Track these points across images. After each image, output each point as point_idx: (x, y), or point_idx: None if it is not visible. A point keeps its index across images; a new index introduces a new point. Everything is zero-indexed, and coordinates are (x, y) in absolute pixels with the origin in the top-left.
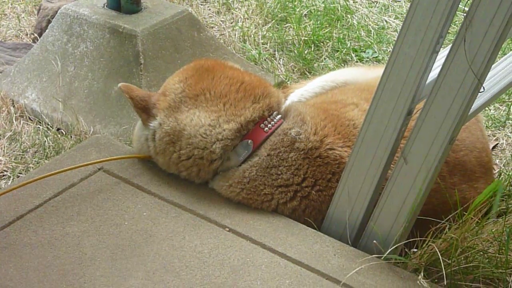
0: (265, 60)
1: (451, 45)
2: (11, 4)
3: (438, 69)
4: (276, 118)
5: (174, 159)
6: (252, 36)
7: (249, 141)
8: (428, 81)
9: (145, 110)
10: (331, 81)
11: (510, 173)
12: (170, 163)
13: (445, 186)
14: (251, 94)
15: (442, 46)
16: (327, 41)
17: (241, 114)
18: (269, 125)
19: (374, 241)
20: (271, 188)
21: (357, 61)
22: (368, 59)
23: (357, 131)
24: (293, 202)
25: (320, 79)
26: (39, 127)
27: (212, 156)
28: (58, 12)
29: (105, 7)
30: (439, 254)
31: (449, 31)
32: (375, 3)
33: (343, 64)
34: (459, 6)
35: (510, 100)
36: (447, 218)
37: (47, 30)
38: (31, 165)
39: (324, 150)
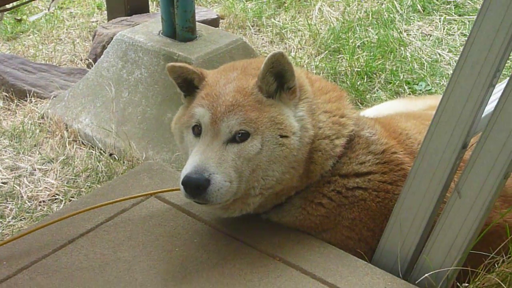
0: None
1: (508, 79)
2: (66, 30)
3: (495, 103)
4: None
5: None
6: (305, 66)
7: None
8: (484, 114)
9: None
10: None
11: None
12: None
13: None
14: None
15: (499, 80)
16: (380, 72)
17: (346, 126)
18: None
19: (426, 275)
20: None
21: (409, 93)
22: (421, 92)
23: (410, 141)
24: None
25: (363, 113)
26: (92, 152)
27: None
28: (113, 38)
29: (161, 34)
30: None
31: (506, 65)
32: (429, 36)
33: (395, 96)
34: None
35: None
36: (496, 250)
37: (102, 56)
38: (83, 189)
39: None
